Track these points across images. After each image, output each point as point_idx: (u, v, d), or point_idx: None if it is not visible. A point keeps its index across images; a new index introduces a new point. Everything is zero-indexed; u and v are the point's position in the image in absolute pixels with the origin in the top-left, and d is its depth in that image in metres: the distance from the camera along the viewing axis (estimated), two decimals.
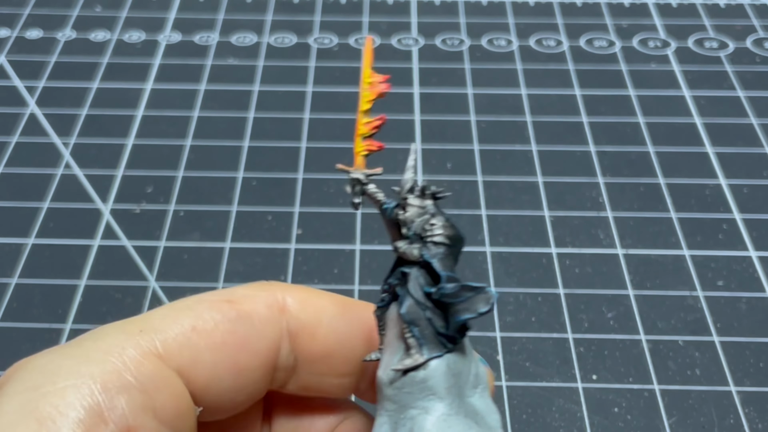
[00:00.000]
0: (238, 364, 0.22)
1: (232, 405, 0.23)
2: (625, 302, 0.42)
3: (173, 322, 0.22)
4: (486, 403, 0.22)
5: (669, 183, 0.48)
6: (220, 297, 0.23)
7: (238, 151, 0.50)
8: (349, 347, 0.24)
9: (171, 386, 0.21)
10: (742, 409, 0.37)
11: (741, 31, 0.60)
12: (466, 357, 0.22)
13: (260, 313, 0.23)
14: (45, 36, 0.59)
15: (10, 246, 0.44)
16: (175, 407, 0.21)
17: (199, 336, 0.22)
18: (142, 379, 0.20)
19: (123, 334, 0.21)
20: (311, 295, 0.24)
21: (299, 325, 0.23)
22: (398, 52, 0.58)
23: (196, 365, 0.22)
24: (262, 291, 0.24)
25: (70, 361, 0.20)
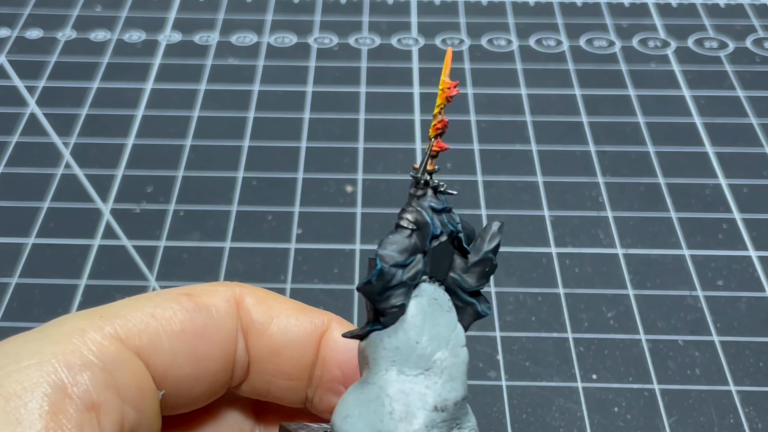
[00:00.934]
0: (196, 351, 0.23)
1: (193, 395, 0.24)
2: (625, 302, 0.42)
3: (133, 310, 0.23)
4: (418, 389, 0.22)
5: (669, 183, 0.48)
6: (179, 291, 0.24)
7: (238, 151, 0.50)
8: (297, 349, 0.25)
9: (132, 366, 0.22)
10: (742, 408, 0.37)
11: (741, 31, 0.60)
12: (410, 338, 0.22)
13: (218, 306, 0.24)
14: (45, 36, 0.59)
15: (10, 246, 0.44)
16: (137, 386, 0.22)
17: (158, 322, 0.23)
18: (103, 359, 0.21)
19: (84, 319, 0.22)
20: (268, 296, 0.25)
21: (251, 321, 0.24)
22: (398, 52, 0.58)
23: (156, 350, 0.22)
24: (221, 287, 0.25)
25: (33, 344, 0.20)
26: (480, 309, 0.23)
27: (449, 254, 0.23)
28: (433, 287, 0.23)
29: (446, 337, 0.22)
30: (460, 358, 0.22)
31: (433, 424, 0.21)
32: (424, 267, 0.23)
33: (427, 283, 0.23)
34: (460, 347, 0.22)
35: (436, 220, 0.23)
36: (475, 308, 0.23)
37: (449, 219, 0.23)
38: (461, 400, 0.22)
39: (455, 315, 0.23)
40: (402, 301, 0.22)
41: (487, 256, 0.23)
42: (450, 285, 0.23)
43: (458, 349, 0.22)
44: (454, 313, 0.23)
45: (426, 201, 0.23)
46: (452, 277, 0.23)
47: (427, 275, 0.23)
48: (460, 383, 0.22)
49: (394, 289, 0.22)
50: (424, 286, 0.23)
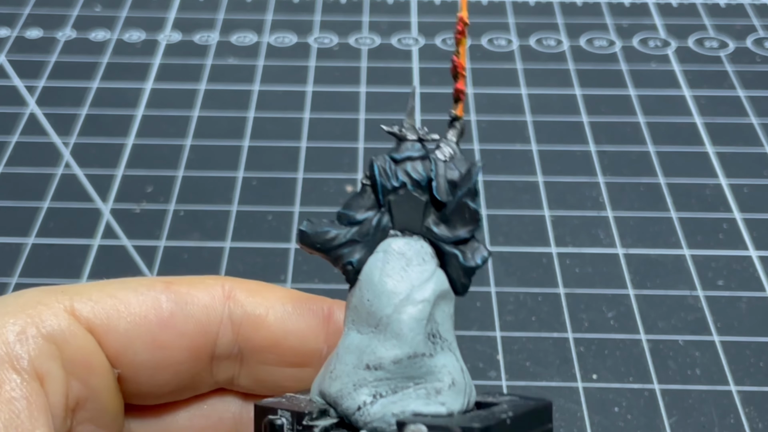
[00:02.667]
0: (156, 339, 0.23)
1: (156, 383, 0.23)
2: (625, 302, 0.42)
3: (97, 289, 0.23)
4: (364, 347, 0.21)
5: (669, 183, 0.48)
6: (162, 278, 0.24)
7: (238, 151, 0.50)
8: (298, 337, 0.24)
9: (80, 341, 0.22)
10: (742, 408, 0.37)
11: (741, 30, 0.60)
12: (363, 296, 0.21)
13: (198, 297, 0.23)
14: (45, 36, 0.59)
15: (10, 246, 0.44)
16: (84, 360, 0.22)
17: (120, 303, 0.22)
18: (50, 330, 0.21)
19: (44, 293, 0.22)
20: (261, 288, 0.25)
21: (243, 313, 0.24)
22: (398, 52, 0.58)
23: (110, 330, 0.22)
24: (210, 279, 0.24)
25: None
26: (461, 260, 0.22)
27: (419, 205, 0.22)
28: (404, 240, 0.22)
29: (399, 292, 0.21)
30: (405, 315, 0.21)
31: (363, 383, 0.21)
32: (386, 222, 0.22)
33: (395, 237, 0.22)
34: (414, 303, 0.21)
35: (398, 172, 0.22)
36: (458, 259, 0.22)
37: (423, 167, 0.22)
38: (406, 358, 0.21)
39: (432, 267, 0.22)
40: (352, 259, 0.22)
41: (462, 201, 0.22)
42: (428, 237, 0.22)
43: (407, 305, 0.21)
44: (431, 265, 0.22)
45: (400, 152, 0.22)
46: (427, 228, 0.22)
47: (397, 229, 0.22)
48: (405, 340, 0.21)
49: (343, 247, 0.22)
50: (390, 241, 0.22)
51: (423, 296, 0.21)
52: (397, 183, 0.22)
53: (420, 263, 0.22)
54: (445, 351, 0.21)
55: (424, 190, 0.22)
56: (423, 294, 0.21)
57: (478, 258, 0.22)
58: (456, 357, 0.22)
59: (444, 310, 0.22)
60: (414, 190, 0.22)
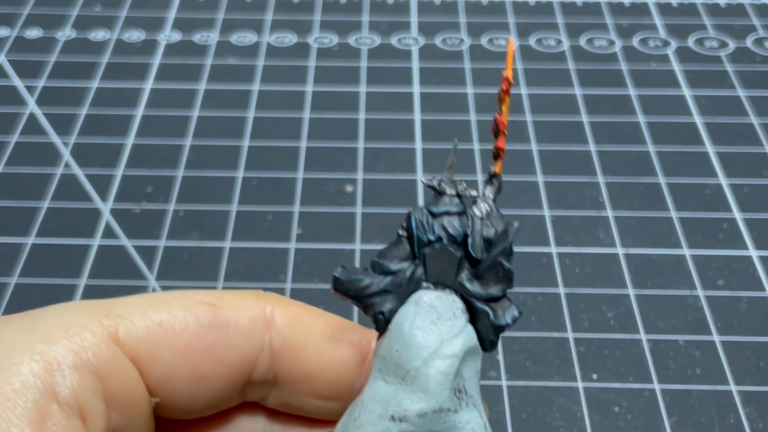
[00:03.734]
0: (198, 370, 0.22)
1: (189, 408, 0.23)
2: (625, 302, 0.42)
3: (142, 313, 0.22)
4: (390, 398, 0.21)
5: (669, 182, 0.48)
6: (204, 298, 0.23)
7: (238, 150, 0.50)
8: (334, 372, 0.24)
9: (125, 374, 0.21)
10: (742, 408, 0.37)
11: (741, 30, 0.60)
12: (391, 346, 0.22)
13: (239, 324, 0.23)
14: (45, 35, 0.59)
15: (10, 246, 0.44)
16: (126, 394, 0.21)
17: (164, 332, 0.22)
18: (96, 363, 0.20)
19: (88, 314, 0.21)
20: (303, 314, 0.24)
21: (283, 342, 0.23)
22: (398, 51, 0.58)
23: (153, 361, 0.21)
24: (251, 301, 0.23)
25: (28, 335, 0.20)
26: (491, 317, 0.22)
27: (453, 260, 0.22)
28: (435, 294, 0.22)
29: (428, 346, 0.21)
30: (434, 369, 0.21)
31: (403, 429, 0.21)
32: (419, 274, 0.22)
33: (427, 290, 0.22)
34: (442, 358, 0.21)
35: (435, 225, 0.22)
36: (488, 317, 0.22)
37: (460, 223, 0.22)
38: (431, 412, 0.21)
39: (462, 323, 0.22)
40: (384, 309, 0.22)
41: (496, 260, 0.22)
42: (461, 292, 0.22)
43: (435, 359, 0.21)
44: (461, 320, 0.22)
45: (438, 206, 0.22)
46: (459, 283, 0.22)
47: (430, 282, 0.22)
48: (432, 394, 0.21)
49: (375, 296, 0.22)
50: (422, 293, 0.22)
51: (452, 351, 0.21)
52: (433, 237, 0.22)
53: (450, 318, 0.22)
54: (470, 407, 0.22)
55: (459, 245, 0.22)
56: (452, 349, 0.21)
57: (509, 317, 0.22)
58: (480, 413, 0.22)
59: (471, 366, 0.22)
60: (449, 244, 0.22)
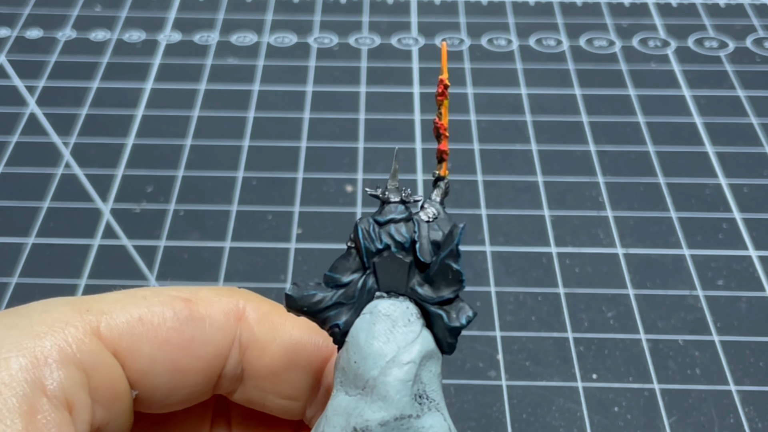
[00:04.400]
0: (176, 364, 0.22)
1: (166, 402, 0.23)
2: (625, 302, 0.42)
3: (122, 309, 0.22)
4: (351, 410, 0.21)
5: (669, 182, 0.48)
6: (179, 294, 0.23)
7: (238, 150, 0.50)
8: (297, 372, 0.24)
9: (108, 367, 0.21)
10: (742, 408, 0.37)
11: (741, 30, 0.60)
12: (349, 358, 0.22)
13: (214, 318, 0.23)
14: (45, 36, 0.59)
15: (10, 246, 0.44)
16: (110, 388, 0.21)
17: (144, 327, 0.22)
18: (80, 357, 0.21)
19: (71, 310, 0.21)
20: (274, 312, 0.24)
21: (252, 337, 0.23)
22: (398, 52, 0.58)
23: (134, 355, 0.22)
24: (225, 296, 0.24)
25: (15, 331, 0.20)
26: (445, 320, 0.22)
27: (403, 266, 0.22)
28: (390, 302, 0.22)
29: (385, 354, 0.21)
30: (391, 377, 0.21)
31: None
32: (371, 284, 0.22)
33: (381, 299, 0.22)
34: (400, 365, 0.21)
35: (382, 234, 0.22)
36: (443, 320, 0.22)
37: (407, 229, 0.22)
38: (392, 420, 0.21)
39: (418, 328, 0.22)
40: (339, 321, 0.22)
41: (444, 262, 0.22)
42: (414, 297, 0.22)
43: (393, 367, 0.21)
44: (417, 326, 0.22)
45: (383, 215, 0.22)
46: (412, 289, 0.22)
47: (383, 290, 0.22)
48: (392, 402, 0.21)
49: (329, 309, 0.22)
50: (376, 303, 0.22)
51: (409, 358, 0.21)
52: (381, 245, 0.22)
53: (406, 324, 0.22)
54: (432, 411, 0.21)
55: (408, 251, 0.22)
56: (409, 356, 0.21)
57: (463, 318, 0.22)
58: (444, 417, 0.22)
59: (431, 370, 0.22)
60: (398, 252, 0.22)
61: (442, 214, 0.23)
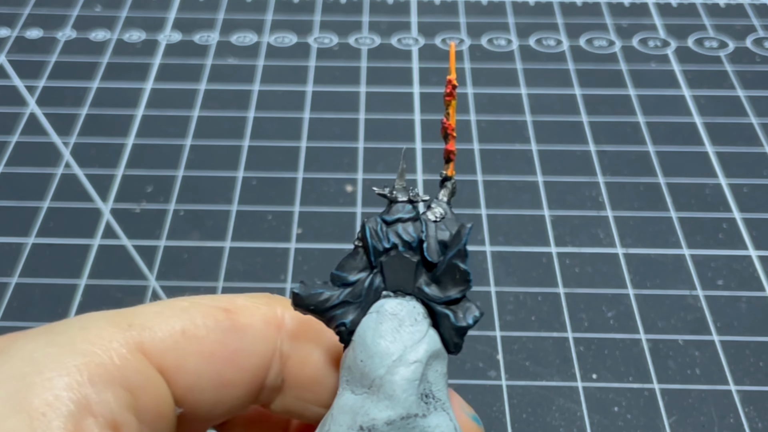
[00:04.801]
0: (222, 377, 0.22)
1: (209, 417, 0.22)
2: (625, 301, 0.42)
3: (164, 322, 0.21)
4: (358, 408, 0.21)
5: (669, 182, 0.48)
6: (218, 303, 0.22)
7: (238, 150, 0.50)
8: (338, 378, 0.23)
9: (155, 386, 0.20)
10: (742, 408, 0.37)
11: (741, 30, 0.60)
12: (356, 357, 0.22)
13: (256, 328, 0.22)
14: (45, 36, 0.59)
15: (10, 246, 0.44)
16: (156, 408, 0.20)
17: (188, 341, 0.21)
18: (127, 376, 0.20)
19: (111, 326, 0.21)
20: (312, 320, 0.23)
21: (292, 347, 0.23)
22: (398, 52, 0.58)
23: (179, 370, 0.21)
24: (263, 304, 0.23)
25: (55, 349, 0.19)
26: (452, 320, 0.22)
27: (410, 266, 0.22)
28: (397, 301, 0.22)
29: (392, 353, 0.21)
30: (398, 376, 0.21)
31: None
32: (378, 283, 0.22)
33: (388, 298, 0.22)
34: (406, 364, 0.21)
35: (389, 233, 0.22)
36: (449, 320, 0.22)
37: (414, 228, 0.22)
38: (399, 419, 0.21)
39: (425, 328, 0.22)
40: (345, 320, 0.22)
41: (451, 262, 0.22)
42: (420, 297, 0.22)
43: (399, 366, 0.21)
44: (424, 325, 0.22)
45: (390, 214, 0.23)
46: (419, 289, 0.22)
47: (390, 290, 0.22)
48: (398, 401, 0.21)
49: (336, 308, 0.22)
50: (383, 302, 0.22)
51: (415, 357, 0.21)
52: (388, 244, 0.22)
53: (412, 323, 0.22)
54: (438, 411, 0.21)
55: (415, 251, 0.22)
56: (416, 355, 0.21)
57: (470, 318, 0.22)
58: (450, 416, 0.22)
59: (437, 370, 0.22)
60: (405, 251, 0.22)
61: (449, 214, 0.23)
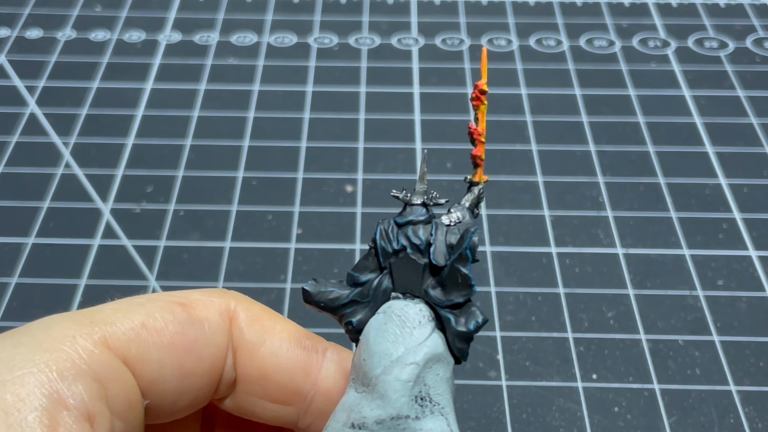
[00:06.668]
0: (184, 367, 0.22)
1: (173, 409, 0.23)
2: (625, 302, 0.42)
3: (124, 317, 0.22)
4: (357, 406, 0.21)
5: (669, 183, 0.48)
6: (173, 298, 0.23)
7: (238, 150, 0.50)
8: (286, 375, 0.24)
9: (122, 377, 0.21)
10: (742, 408, 0.37)
11: (741, 30, 0.60)
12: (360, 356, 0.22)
13: (212, 320, 0.23)
14: (45, 36, 0.59)
15: (10, 246, 0.44)
16: (125, 398, 0.21)
17: (149, 333, 0.22)
18: (95, 368, 0.20)
19: (73, 323, 0.21)
20: (263, 314, 0.24)
21: (242, 339, 0.23)
22: (398, 52, 0.58)
23: (143, 362, 0.22)
24: (217, 298, 0.24)
25: (22, 349, 0.20)
26: (453, 324, 0.22)
27: (417, 268, 0.22)
28: (403, 303, 0.22)
29: (391, 354, 0.21)
30: (392, 376, 0.21)
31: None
32: (386, 284, 0.22)
33: (396, 299, 0.22)
34: (402, 365, 0.21)
35: (399, 235, 0.22)
36: (450, 323, 0.22)
37: (424, 231, 0.22)
38: (388, 419, 0.21)
39: (428, 331, 0.22)
40: (353, 319, 0.22)
41: (454, 266, 0.22)
42: (426, 300, 0.22)
43: (395, 367, 0.21)
44: (428, 328, 0.22)
45: (403, 217, 0.23)
46: (425, 291, 0.22)
47: (398, 291, 0.22)
48: (390, 401, 0.21)
49: (345, 307, 0.22)
50: (391, 303, 0.22)
51: (413, 359, 0.21)
52: (397, 246, 0.22)
53: (416, 326, 0.22)
54: (435, 415, 0.21)
55: (423, 254, 0.22)
56: (414, 357, 0.21)
57: (471, 324, 0.22)
58: (448, 422, 0.22)
59: (438, 374, 0.22)
60: (413, 253, 0.22)
61: (467, 218, 0.23)
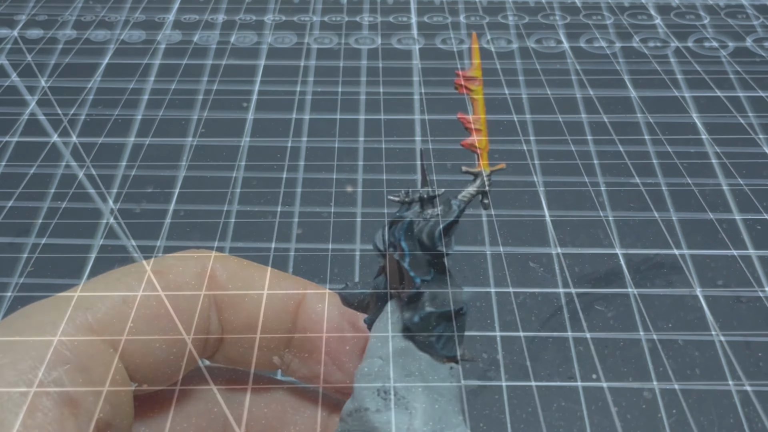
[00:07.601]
0: (169, 334, 0.22)
1: (165, 376, 0.23)
2: (625, 302, 0.42)
3: (103, 295, 0.22)
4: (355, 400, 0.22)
5: (669, 183, 0.48)
6: (148, 268, 0.23)
7: (237, 150, 0.50)
8: (272, 322, 0.24)
9: (106, 360, 0.21)
10: (742, 408, 0.37)
11: (741, 30, 0.60)
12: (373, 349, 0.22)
13: (189, 284, 0.23)
14: (45, 36, 0.59)
15: (11, 246, 0.44)
16: (111, 380, 0.21)
17: (129, 307, 0.22)
18: (77, 353, 0.20)
19: (54, 309, 0.21)
20: (240, 267, 0.24)
21: (225, 296, 0.24)
22: (398, 52, 0.58)
23: (129, 341, 0.21)
24: (191, 260, 0.24)
25: (1, 338, 0.20)
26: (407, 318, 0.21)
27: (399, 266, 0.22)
28: (394, 301, 0.22)
29: (371, 349, 0.22)
30: (358, 370, 0.21)
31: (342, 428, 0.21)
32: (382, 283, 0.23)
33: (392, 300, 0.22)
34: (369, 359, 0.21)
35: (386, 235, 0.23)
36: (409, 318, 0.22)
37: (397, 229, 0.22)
38: (354, 411, 0.21)
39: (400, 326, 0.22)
40: (366, 317, 0.23)
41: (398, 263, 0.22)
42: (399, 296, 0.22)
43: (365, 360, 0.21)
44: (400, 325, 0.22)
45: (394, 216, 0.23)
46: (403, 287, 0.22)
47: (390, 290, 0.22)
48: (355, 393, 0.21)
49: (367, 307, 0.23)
50: (391, 301, 0.22)
51: (380, 353, 0.21)
52: (382, 246, 0.23)
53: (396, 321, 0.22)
54: (400, 409, 0.21)
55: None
56: (381, 350, 0.21)
57: (416, 317, 0.21)
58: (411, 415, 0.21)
59: (405, 368, 0.21)
60: (392, 251, 0.22)
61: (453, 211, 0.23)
